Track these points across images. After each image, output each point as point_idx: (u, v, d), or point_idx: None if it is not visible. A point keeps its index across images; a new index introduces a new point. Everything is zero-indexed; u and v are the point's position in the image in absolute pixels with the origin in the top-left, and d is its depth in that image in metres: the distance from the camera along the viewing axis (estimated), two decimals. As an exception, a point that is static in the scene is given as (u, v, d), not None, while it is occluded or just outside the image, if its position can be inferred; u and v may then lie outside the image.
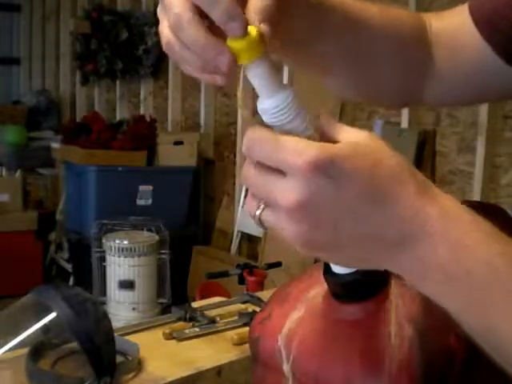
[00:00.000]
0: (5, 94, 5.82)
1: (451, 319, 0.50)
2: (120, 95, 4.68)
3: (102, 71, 4.41)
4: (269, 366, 0.65)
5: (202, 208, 3.99)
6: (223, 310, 1.43)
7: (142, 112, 4.31)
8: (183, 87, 4.10)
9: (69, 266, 4.05)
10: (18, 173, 4.34)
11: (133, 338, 1.24)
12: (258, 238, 3.37)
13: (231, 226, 3.63)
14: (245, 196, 3.47)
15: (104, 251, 2.47)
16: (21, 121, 5.06)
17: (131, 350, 1.16)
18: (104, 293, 2.44)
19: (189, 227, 3.73)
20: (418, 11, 2.39)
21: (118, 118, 4.47)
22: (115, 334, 1.10)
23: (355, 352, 0.58)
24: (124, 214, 2.78)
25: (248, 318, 1.33)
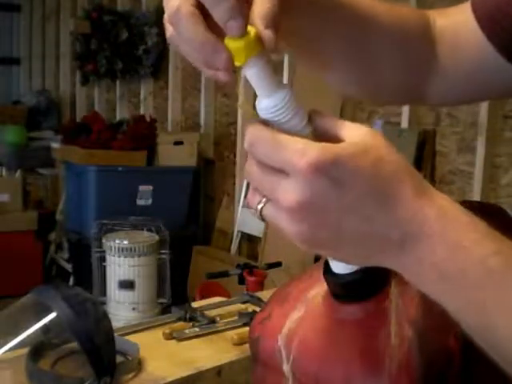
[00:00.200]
0: (5, 94, 5.83)
1: (451, 319, 0.50)
2: (120, 95, 4.68)
3: (102, 71, 4.41)
4: (269, 366, 0.65)
5: (202, 208, 3.99)
6: (223, 310, 1.43)
7: (142, 112, 4.31)
8: (183, 87, 4.10)
9: (69, 266, 4.05)
10: (18, 173, 4.34)
11: (133, 338, 1.24)
12: (258, 238, 3.37)
13: (231, 226, 3.63)
14: (245, 196, 3.47)
15: (104, 251, 2.48)
16: (21, 121, 5.06)
17: (131, 350, 1.16)
18: (104, 293, 2.45)
19: (189, 227, 3.73)
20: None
21: (118, 117, 4.47)
22: (115, 334, 1.10)
23: (355, 352, 0.58)
24: (124, 213, 2.78)
25: (248, 318, 1.33)
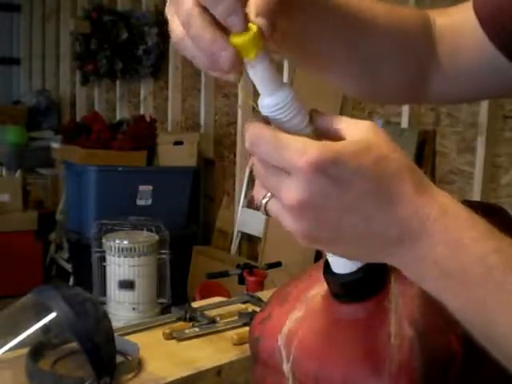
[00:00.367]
0: (5, 94, 5.83)
1: (451, 319, 0.50)
2: (120, 95, 4.68)
3: (102, 71, 4.41)
4: (269, 366, 0.65)
5: (202, 208, 3.99)
6: (223, 310, 1.43)
7: (142, 112, 4.31)
8: (183, 87, 4.10)
9: (69, 266, 4.05)
10: (18, 173, 4.34)
11: (133, 338, 1.24)
12: (258, 238, 3.37)
13: (231, 226, 3.63)
14: (245, 196, 3.48)
15: (104, 251, 2.47)
16: (21, 121, 5.06)
17: (131, 350, 1.16)
18: (104, 293, 2.44)
19: (189, 227, 3.73)
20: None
21: (118, 117, 4.47)
22: (115, 334, 1.10)
23: (355, 352, 0.58)
24: (124, 213, 2.78)
25: (248, 318, 1.33)
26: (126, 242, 2.43)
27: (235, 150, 3.65)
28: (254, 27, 0.48)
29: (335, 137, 0.49)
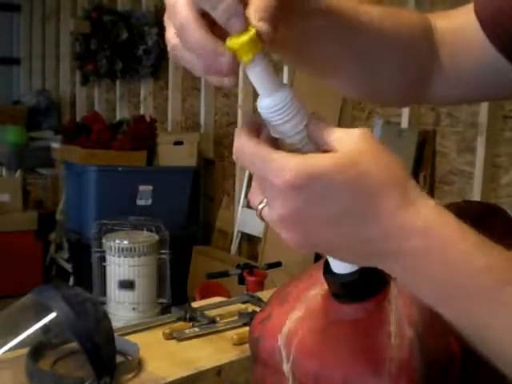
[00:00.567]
0: (5, 94, 5.83)
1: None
2: (120, 95, 4.68)
3: (102, 71, 4.41)
4: (269, 366, 0.65)
5: (202, 208, 3.99)
6: (223, 310, 1.43)
7: (142, 112, 4.31)
8: (183, 87, 4.10)
9: (69, 266, 4.05)
10: (18, 173, 4.34)
11: (133, 338, 1.24)
12: (258, 238, 3.37)
13: (231, 226, 3.63)
14: (245, 196, 3.48)
15: (104, 251, 2.47)
16: (21, 121, 5.06)
17: (131, 350, 1.16)
18: (104, 293, 2.44)
19: (189, 227, 3.73)
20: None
21: (118, 117, 4.47)
22: (115, 334, 1.10)
23: (355, 352, 0.58)
24: (124, 213, 2.78)
25: (248, 318, 1.33)
26: (126, 242, 2.43)
27: (235, 150, 3.65)
28: (252, 29, 0.48)
29: (327, 148, 0.50)
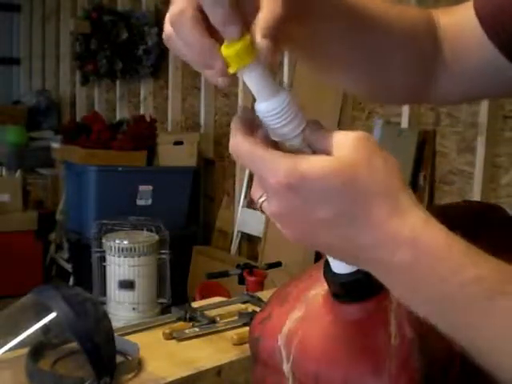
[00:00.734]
0: (5, 94, 5.82)
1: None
2: (120, 95, 4.67)
3: (102, 71, 4.41)
4: (269, 366, 0.65)
5: (202, 208, 3.99)
6: (223, 310, 1.43)
7: (142, 112, 4.31)
8: (183, 87, 4.10)
9: (69, 266, 4.05)
10: (18, 173, 4.34)
11: (133, 338, 1.24)
12: (258, 238, 3.37)
13: (231, 226, 3.63)
14: (245, 196, 3.48)
15: (104, 251, 2.47)
16: (21, 121, 5.06)
17: (131, 350, 1.16)
18: (104, 293, 2.44)
19: (189, 227, 3.72)
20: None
21: (118, 117, 4.46)
22: (115, 334, 1.10)
23: (355, 352, 0.58)
24: (124, 213, 2.78)
25: (248, 318, 1.33)
26: (126, 242, 2.43)
27: (235, 149, 3.64)
28: (248, 35, 0.48)
29: (324, 152, 0.50)
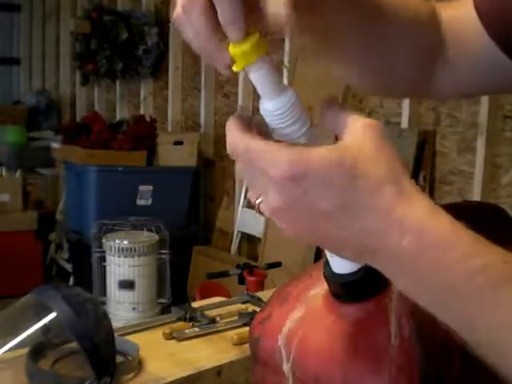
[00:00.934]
0: (5, 94, 5.82)
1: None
2: (120, 95, 4.67)
3: (102, 71, 4.41)
4: (269, 366, 0.65)
5: (202, 208, 3.99)
6: (223, 310, 1.43)
7: (142, 112, 4.31)
8: (183, 87, 4.10)
9: (69, 266, 4.05)
10: (18, 173, 4.34)
11: (133, 338, 1.24)
12: (258, 238, 3.37)
13: (231, 226, 3.63)
14: (245, 196, 3.48)
15: (104, 251, 2.47)
16: (21, 121, 5.06)
17: (131, 350, 1.16)
18: (104, 293, 2.44)
19: (189, 227, 3.72)
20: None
21: (118, 117, 4.47)
22: (115, 334, 1.10)
23: (355, 352, 0.58)
24: (124, 213, 2.78)
25: (248, 318, 1.33)
26: (126, 242, 2.42)
27: (235, 150, 3.64)
28: (255, 33, 0.48)
29: (338, 134, 0.50)
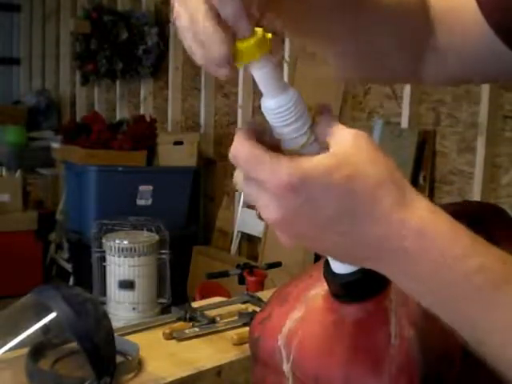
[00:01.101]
0: (5, 94, 5.82)
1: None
2: (120, 95, 4.67)
3: (102, 71, 4.41)
4: (269, 366, 0.65)
5: (202, 208, 3.99)
6: (223, 310, 1.43)
7: (142, 112, 4.31)
8: (183, 87, 4.10)
9: (69, 266, 4.05)
10: (18, 173, 4.34)
11: (133, 338, 1.24)
12: (258, 238, 3.37)
13: (231, 226, 3.63)
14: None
15: (104, 251, 2.47)
16: (21, 121, 5.06)
17: (131, 350, 1.16)
18: (104, 293, 2.44)
19: (189, 227, 3.72)
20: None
21: (118, 117, 4.46)
22: (115, 334, 1.10)
23: (355, 352, 0.58)
24: (124, 213, 2.78)
25: (248, 318, 1.33)
26: (126, 242, 2.42)
27: (235, 150, 3.64)
28: (259, 31, 0.49)
29: (326, 144, 0.50)
